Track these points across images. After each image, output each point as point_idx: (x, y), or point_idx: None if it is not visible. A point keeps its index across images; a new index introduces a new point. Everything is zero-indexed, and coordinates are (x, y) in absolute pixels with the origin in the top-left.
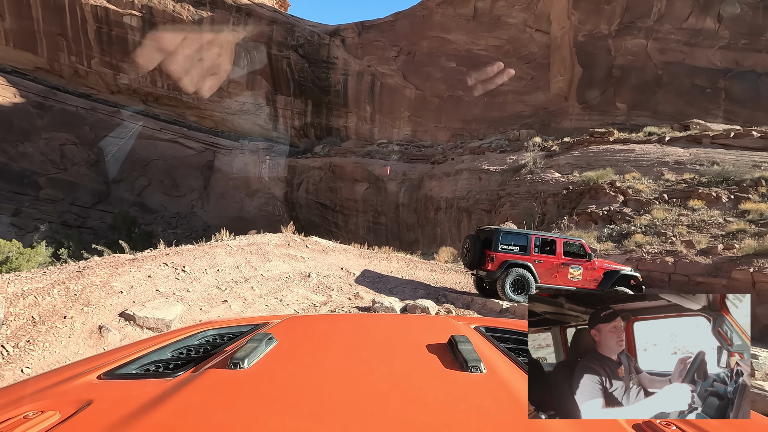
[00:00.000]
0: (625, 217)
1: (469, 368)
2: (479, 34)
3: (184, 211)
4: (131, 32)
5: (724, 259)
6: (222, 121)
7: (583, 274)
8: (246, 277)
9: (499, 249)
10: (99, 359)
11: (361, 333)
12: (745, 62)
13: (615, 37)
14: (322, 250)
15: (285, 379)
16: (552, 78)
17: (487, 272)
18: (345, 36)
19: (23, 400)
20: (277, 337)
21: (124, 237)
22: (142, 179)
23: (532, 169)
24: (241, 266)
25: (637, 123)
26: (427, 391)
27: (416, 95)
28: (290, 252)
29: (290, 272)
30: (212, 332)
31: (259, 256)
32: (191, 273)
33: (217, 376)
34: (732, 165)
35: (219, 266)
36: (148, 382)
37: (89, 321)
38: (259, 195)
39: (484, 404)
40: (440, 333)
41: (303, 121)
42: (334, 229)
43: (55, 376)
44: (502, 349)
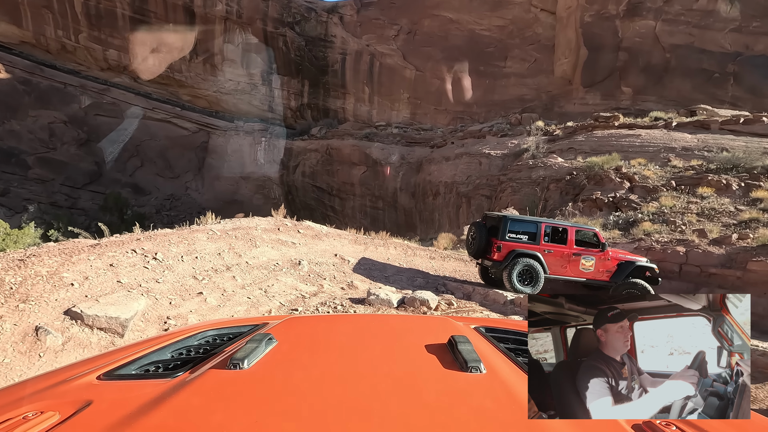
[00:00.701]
0: (632, 204)
1: (469, 368)
2: (483, 14)
3: (179, 192)
4: (120, 5)
5: (738, 249)
6: (216, 100)
7: (595, 265)
8: (228, 265)
9: (507, 237)
10: (99, 359)
11: (361, 333)
12: (756, 46)
13: (623, 18)
14: (315, 235)
15: (285, 379)
16: (556, 60)
17: (494, 262)
18: (343, 13)
19: (23, 400)
20: (276, 337)
21: (115, 218)
22: (134, 160)
23: (534, 153)
24: (223, 253)
25: (642, 108)
26: (427, 391)
27: (416, 76)
28: (280, 237)
29: (279, 259)
30: (212, 332)
31: (245, 241)
32: (164, 261)
33: (216, 377)
34: (742, 152)
35: (198, 253)
36: (148, 382)
37: (24, 321)
38: (254, 177)
39: (484, 405)
40: (440, 333)
41: (300, 101)
42: (331, 213)
43: (54, 377)
44: (502, 350)
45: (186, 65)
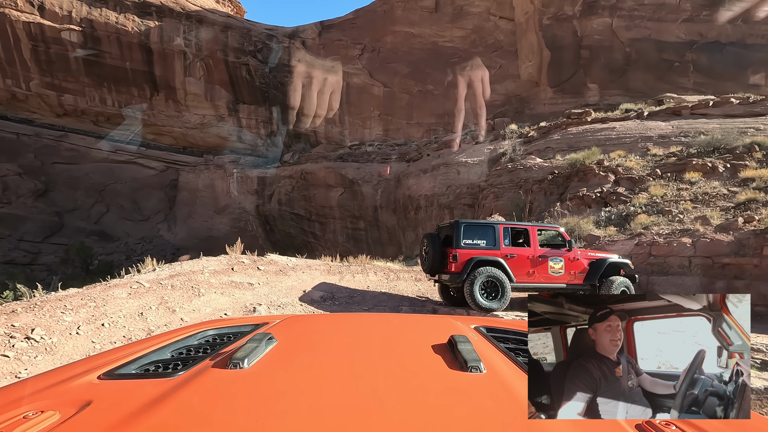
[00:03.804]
0: (621, 198)
1: (469, 368)
2: (443, 26)
3: (150, 235)
4: (72, 49)
5: (748, 233)
6: (182, 136)
7: (565, 267)
8: (152, 328)
9: (462, 245)
10: (99, 359)
11: (361, 333)
12: (709, 33)
13: (580, 18)
14: (279, 270)
15: (285, 379)
16: (521, 64)
17: (451, 275)
18: (305, 37)
19: (23, 400)
20: (276, 337)
21: (79, 270)
22: (99, 206)
23: (512, 156)
24: (149, 311)
25: (610, 102)
26: (426, 391)
27: (385, 93)
28: (233, 279)
29: (229, 307)
30: (212, 332)
31: (184, 291)
32: (43, 340)
33: (217, 376)
34: (720, 133)
35: (108, 317)
36: (148, 382)
37: None
38: (229, 211)
39: (484, 404)
40: (440, 333)
41: (269, 129)
42: (311, 239)
43: (55, 376)
44: (502, 349)
45: (147, 103)
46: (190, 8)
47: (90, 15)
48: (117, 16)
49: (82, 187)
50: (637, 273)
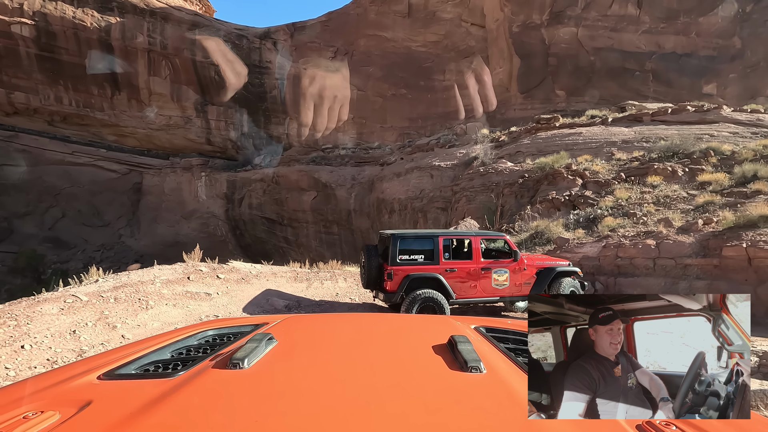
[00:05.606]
0: (588, 200)
1: (469, 368)
2: (416, 31)
3: (111, 241)
4: (24, 44)
5: (708, 235)
6: (147, 138)
7: (510, 278)
8: (85, 348)
9: (398, 261)
10: (99, 359)
11: (361, 333)
12: (666, 44)
13: (548, 27)
14: (241, 278)
15: (285, 379)
16: (492, 70)
17: (386, 294)
18: (277, 39)
19: (23, 400)
20: (276, 337)
21: (29, 280)
22: (54, 210)
23: (484, 161)
24: (84, 328)
25: (577, 108)
26: (426, 391)
27: (359, 96)
28: (189, 289)
29: (181, 321)
30: (212, 332)
31: (129, 304)
32: None
33: (217, 376)
34: (678, 139)
35: (32, 338)
36: (148, 382)
37: None
38: (197, 215)
39: (484, 404)
40: (440, 333)
41: (240, 131)
42: (284, 244)
43: (55, 376)
44: (502, 349)
45: (108, 102)
46: (154, 5)
47: (44, 8)
48: (74, 11)
49: (34, 191)
50: (604, 275)
